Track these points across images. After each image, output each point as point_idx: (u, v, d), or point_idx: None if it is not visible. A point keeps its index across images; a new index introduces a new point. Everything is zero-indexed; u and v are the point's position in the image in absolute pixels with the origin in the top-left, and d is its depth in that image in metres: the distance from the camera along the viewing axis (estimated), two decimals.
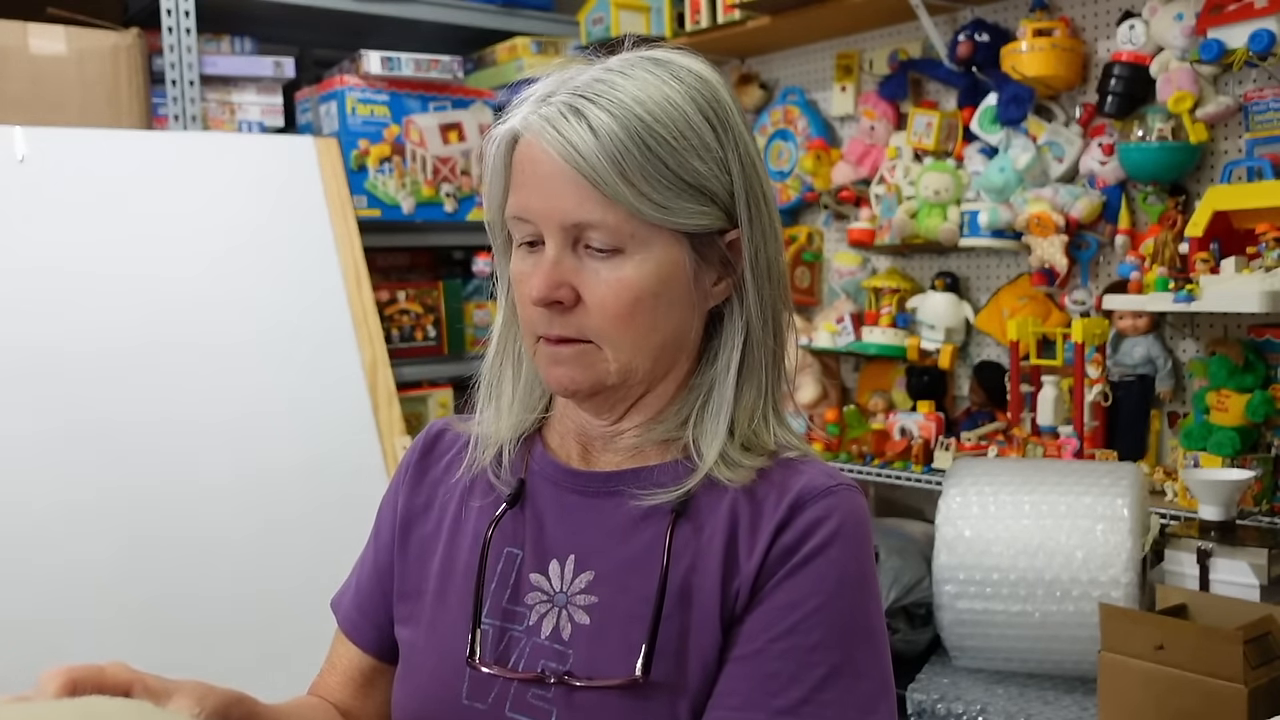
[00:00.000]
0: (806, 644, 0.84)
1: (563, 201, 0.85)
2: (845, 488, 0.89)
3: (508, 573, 0.93)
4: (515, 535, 0.94)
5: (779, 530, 0.86)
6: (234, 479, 2.06)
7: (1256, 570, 1.57)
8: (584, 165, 0.83)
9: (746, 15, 2.42)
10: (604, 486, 0.93)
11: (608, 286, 0.86)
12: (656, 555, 0.88)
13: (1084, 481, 1.72)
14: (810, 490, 0.88)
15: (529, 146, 0.87)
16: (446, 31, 2.92)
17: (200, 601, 1.94)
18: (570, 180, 0.84)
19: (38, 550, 1.86)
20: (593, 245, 0.86)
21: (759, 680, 0.84)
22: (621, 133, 0.83)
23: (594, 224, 0.85)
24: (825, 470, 0.91)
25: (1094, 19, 2.11)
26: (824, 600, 0.85)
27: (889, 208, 2.33)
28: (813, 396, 2.54)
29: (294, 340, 2.23)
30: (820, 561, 0.85)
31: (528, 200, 0.87)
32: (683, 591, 0.87)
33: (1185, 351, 2.02)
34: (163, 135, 2.39)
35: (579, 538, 0.92)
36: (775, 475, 0.90)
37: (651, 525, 0.89)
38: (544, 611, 0.90)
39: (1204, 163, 1.97)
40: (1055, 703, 1.68)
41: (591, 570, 0.90)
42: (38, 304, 2.02)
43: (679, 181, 0.85)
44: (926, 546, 1.89)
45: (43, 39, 2.32)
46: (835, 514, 0.87)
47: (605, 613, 0.88)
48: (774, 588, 0.86)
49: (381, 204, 2.68)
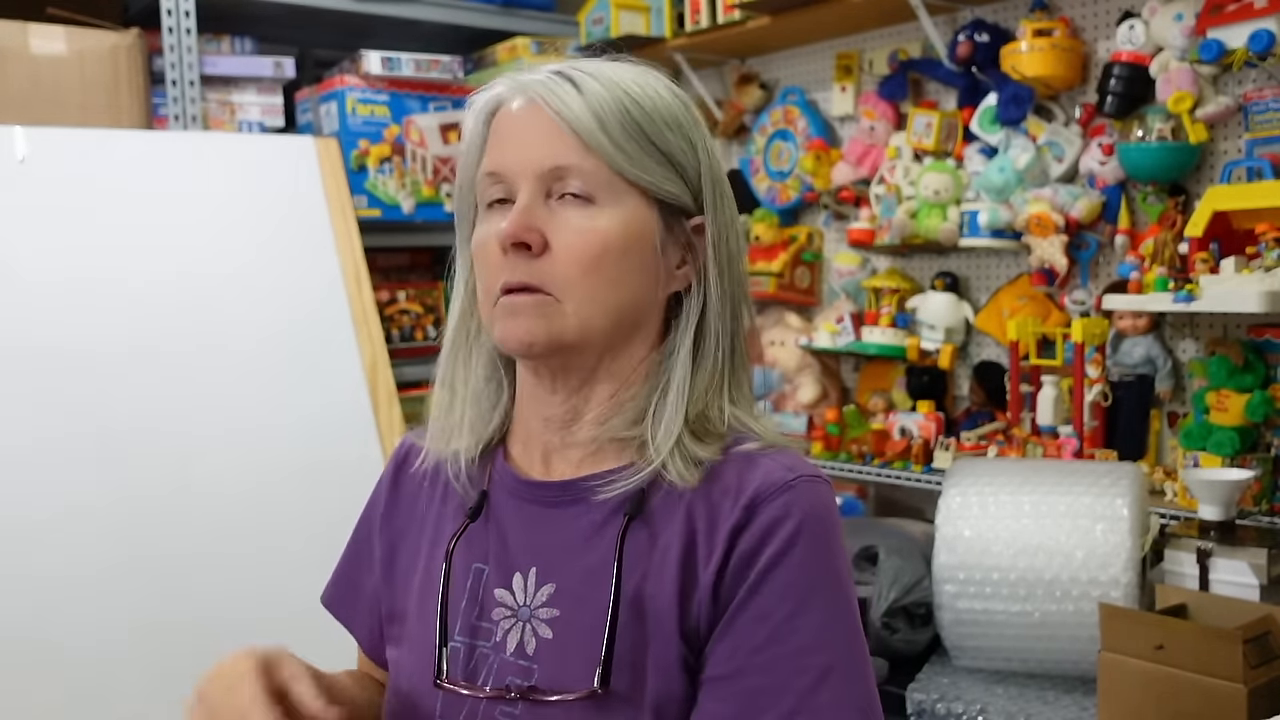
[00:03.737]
0: (787, 651, 0.81)
1: (540, 150, 0.87)
2: (805, 480, 0.85)
3: (476, 589, 0.93)
4: (481, 550, 0.93)
5: (735, 533, 0.84)
6: (233, 479, 2.06)
7: (1256, 570, 1.57)
8: (568, 113, 0.87)
9: (746, 15, 2.42)
10: (562, 495, 0.91)
11: (577, 233, 0.87)
12: (609, 566, 0.86)
13: (1084, 481, 1.72)
14: (767, 487, 0.84)
15: (509, 110, 0.90)
16: (446, 31, 2.92)
17: (200, 602, 1.94)
18: (551, 130, 0.87)
19: (36, 551, 1.86)
20: (569, 191, 0.87)
21: (745, 697, 0.81)
22: (605, 94, 0.88)
23: (571, 167, 0.87)
24: (784, 462, 0.87)
25: (1094, 19, 2.11)
26: (796, 605, 0.82)
27: (889, 208, 2.33)
28: (813, 396, 2.55)
29: (294, 340, 2.23)
30: (786, 566, 0.82)
31: (502, 155, 0.89)
32: (635, 602, 0.85)
33: (1185, 351, 2.02)
34: (163, 135, 2.39)
35: (540, 550, 0.91)
36: (732, 472, 0.87)
37: (608, 534, 0.88)
38: (509, 627, 0.90)
39: (1204, 163, 1.97)
40: (1055, 703, 1.68)
41: (553, 583, 0.89)
42: (37, 304, 2.02)
43: (653, 148, 0.89)
44: (926, 546, 1.89)
45: (43, 39, 2.32)
46: (795, 510, 0.83)
47: (566, 626, 0.87)
48: (743, 601, 0.83)
49: (381, 204, 2.68)
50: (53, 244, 2.08)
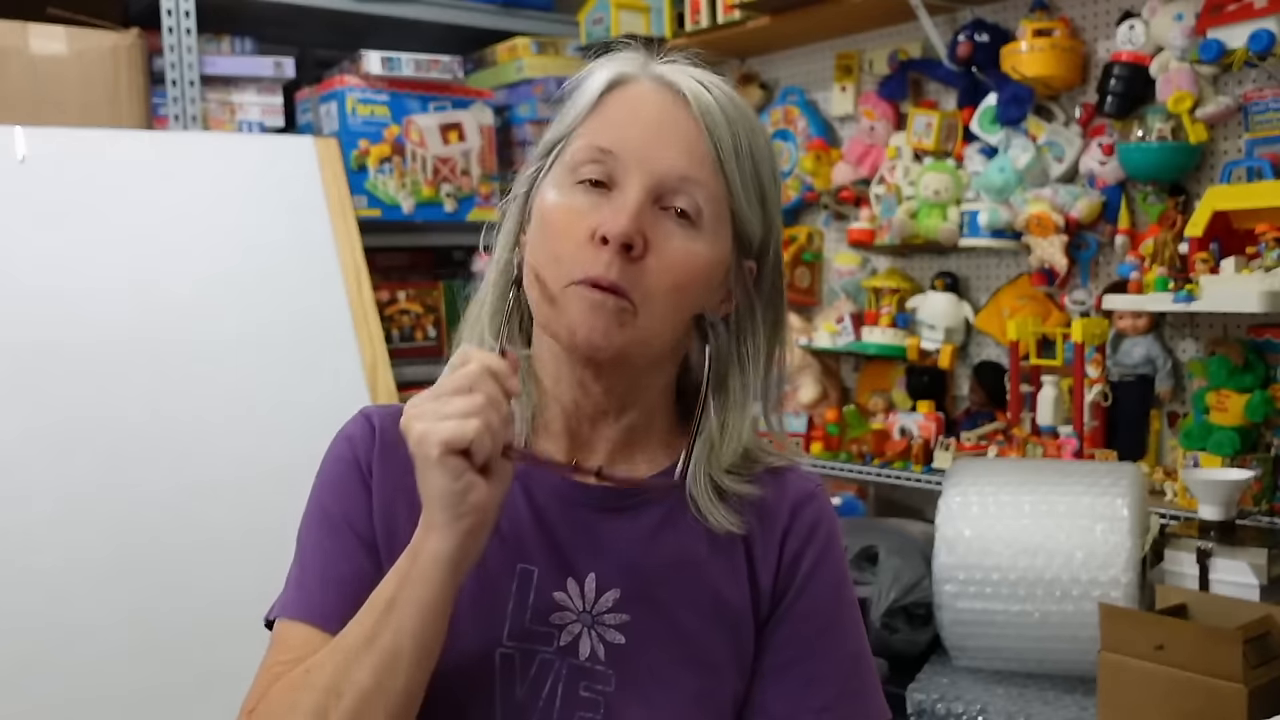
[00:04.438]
0: (832, 642, 0.91)
1: (673, 150, 0.84)
2: (821, 488, 0.96)
3: (524, 591, 0.88)
4: (525, 550, 0.89)
5: (784, 537, 0.92)
6: (233, 479, 2.06)
7: (1256, 570, 1.57)
8: (714, 123, 0.83)
9: (746, 15, 2.42)
10: (619, 501, 0.90)
11: (682, 253, 0.84)
12: (684, 567, 0.89)
13: (1084, 481, 1.72)
14: (800, 495, 0.94)
15: (644, 90, 0.86)
16: (446, 31, 2.92)
17: (198, 601, 1.94)
18: (691, 133, 0.84)
19: (35, 549, 1.86)
20: (678, 206, 0.84)
21: (800, 685, 0.90)
22: (740, 118, 0.86)
23: (699, 183, 0.84)
24: (802, 473, 0.96)
25: (1094, 19, 2.11)
26: (836, 600, 0.93)
27: (889, 208, 2.33)
28: (813, 396, 2.55)
29: (294, 340, 2.23)
30: (826, 566, 0.92)
31: (624, 136, 0.84)
32: (716, 603, 0.89)
33: (1185, 351, 2.02)
34: (163, 135, 2.39)
35: (597, 555, 0.89)
36: (768, 481, 0.93)
37: (666, 538, 0.90)
38: (577, 631, 0.87)
39: (1204, 163, 1.97)
40: (1055, 703, 1.68)
41: (617, 589, 0.88)
42: (37, 304, 2.02)
43: (760, 189, 0.88)
44: (926, 546, 1.89)
45: (43, 39, 2.31)
46: (824, 516, 0.94)
47: (640, 631, 0.87)
48: (794, 599, 0.91)
49: (381, 204, 2.68)
50: (53, 244, 2.08)
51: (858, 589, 1.94)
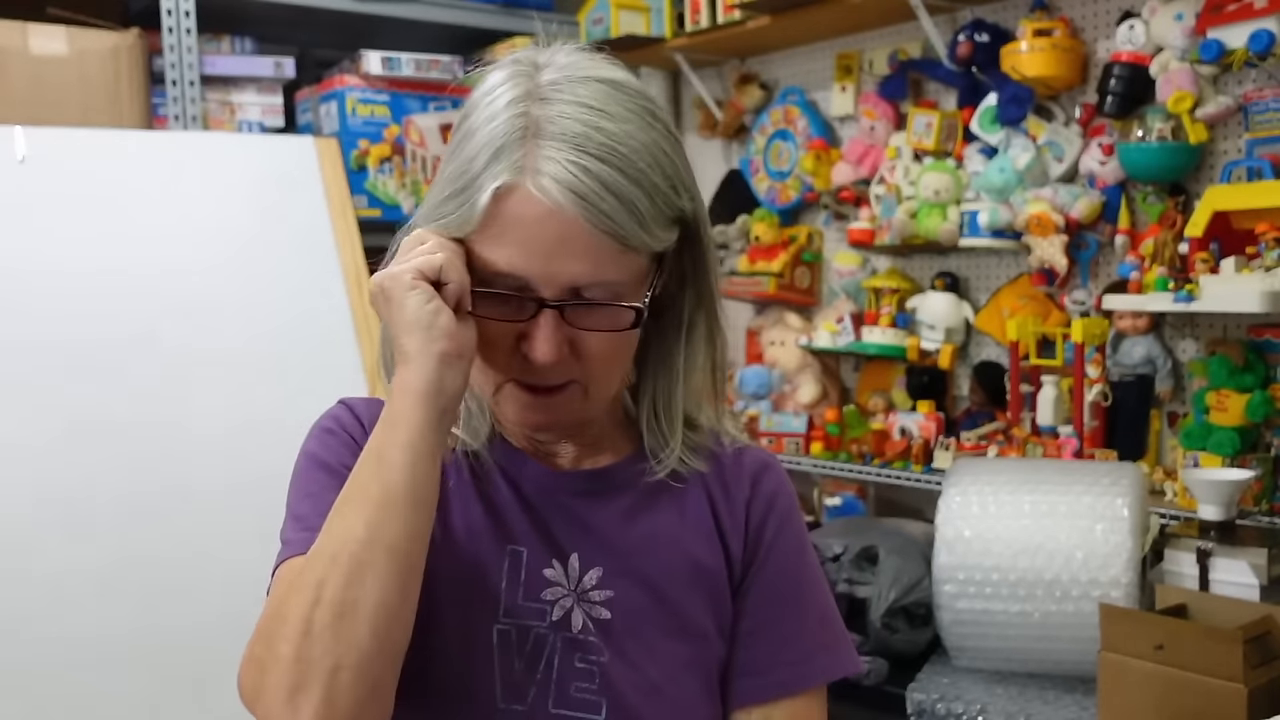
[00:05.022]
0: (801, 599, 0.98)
1: (577, 263, 0.81)
2: (775, 460, 1.04)
3: (516, 571, 0.91)
4: (512, 532, 0.92)
5: (748, 506, 0.98)
6: (233, 479, 2.05)
7: (1256, 570, 1.57)
8: (611, 226, 0.80)
9: (746, 15, 2.42)
10: (592, 485, 0.95)
11: (607, 339, 0.86)
12: (659, 542, 0.94)
13: (1084, 481, 1.72)
14: (758, 466, 1.00)
15: (529, 204, 0.80)
16: (446, 31, 2.92)
17: (198, 603, 1.94)
18: (590, 240, 0.81)
19: (34, 551, 1.86)
20: (594, 297, 0.83)
21: (775, 642, 0.95)
22: (637, 175, 0.82)
23: (608, 281, 0.83)
24: (756, 449, 1.03)
25: (1094, 19, 2.11)
26: (799, 561, 0.99)
27: (889, 208, 2.33)
28: (813, 396, 2.55)
29: (294, 341, 2.23)
30: (787, 532, 0.99)
31: (526, 260, 0.81)
32: (693, 574, 0.94)
33: (1185, 351, 2.02)
34: (163, 135, 2.39)
35: (579, 536, 0.93)
36: (728, 455, 1.00)
37: (642, 517, 0.94)
38: (569, 606, 0.91)
39: (1204, 163, 1.97)
40: (1055, 703, 1.68)
41: (599, 566, 0.92)
42: (38, 303, 2.02)
43: (671, 213, 0.86)
44: (926, 546, 1.89)
45: (43, 39, 2.32)
46: (782, 485, 1.01)
47: (623, 604, 0.91)
48: (762, 563, 0.97)
49: (381, 204, 2.68)
50: (53, 244, 2.08)
51: (858, 589, 1.95)
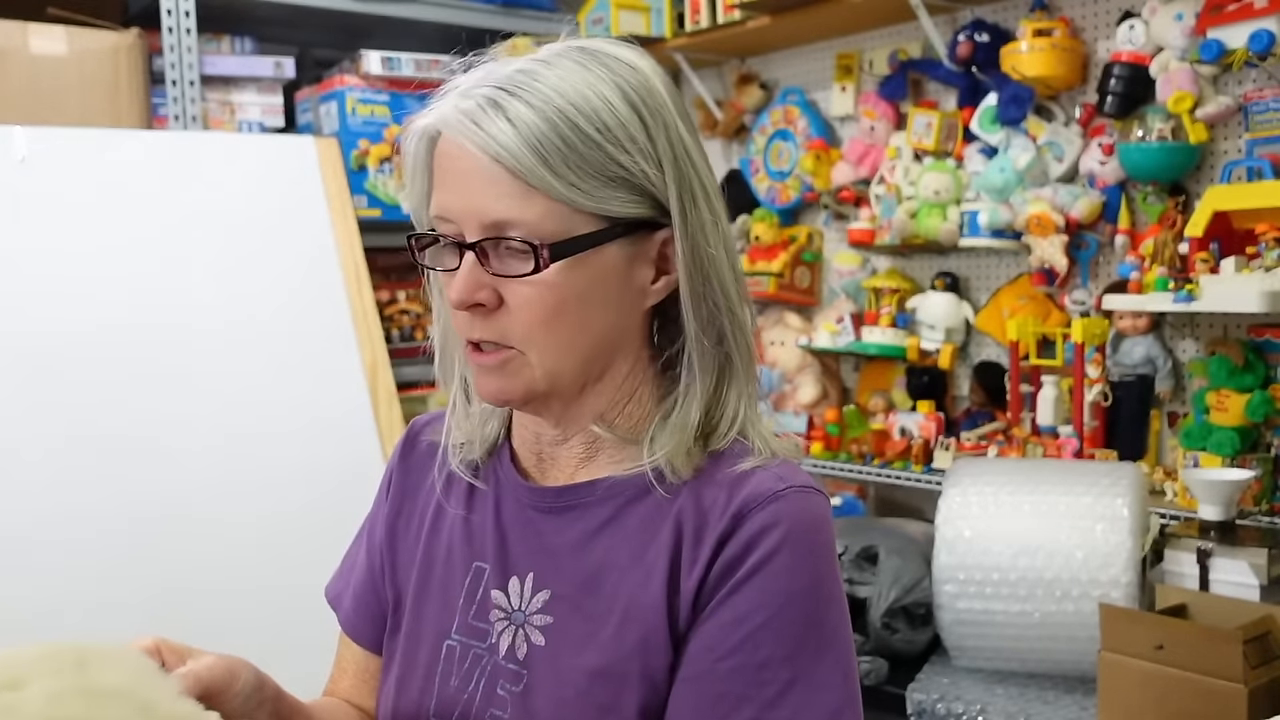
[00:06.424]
0: (754, 661, 0.80)
1: (483, 198, 0.80)
2: (796, 490, 0.84)
3: (475, 587, 0.91)
4: (482, 548, 0.92)
5: (721, 543, 0.82)
6: (233, 478, 2.05)
7: (1256, 570, 1.57)
8: (505, 156, 0.78)
9: (746, 15, 2.42)
10: (557, 501, 0.90)
11: (531, 289, 0.81)
12: (607, 573, 0.86)
13: (1084, 481, 1.72)
14: (755, 498, 0.83)
15: (448, 143, 0.82)
16: (446, 31, 2.92)
17: (199, 601, 1.93)
18: (490, 174, 0.79)
19: (36, 550, 1.86)
20: (512, 245, 0.80)
21: (708, 702, 0.81)
22: (542, 124, 0.78)
23: (514, 221, 0.80)
24: (776, 473, 0.85)
25: (1094, 19, 2.11)
26: (771, 614, 0.81)
27: (889, 208, 2.33)
28: (813, 396, 2.55)
29: (294, 340, 2.23)
30: (766, 574, 0.81)
31: (448, 199, 0.83)
32: (628, 611, 0.84)
33: (1185, 351, 2.02)
34: (163, 135, 2.39)
35: (536, 556, 0.90)
36: (724, 484, 0.85)
37: (601, 542, 0.87)
38: (501, 629, 0.89)
39: (1204, 163, 1.97)
40: (1055, 703, 1.68)
41: (548, 589, 0.88)
42: (38, 304, 2.02)
43: (602, 175, 0.80)
44: (926, 546, 1.89)
45: (43, 39, 2.31)
46: (783, 520, 0.82)
47: (559, 633, 0.86)
48: (718, 604, 0.82)
49: (381, 204, 2.68)
50: (53, 244, 2.08)
51: (858, 589, 1.94)
